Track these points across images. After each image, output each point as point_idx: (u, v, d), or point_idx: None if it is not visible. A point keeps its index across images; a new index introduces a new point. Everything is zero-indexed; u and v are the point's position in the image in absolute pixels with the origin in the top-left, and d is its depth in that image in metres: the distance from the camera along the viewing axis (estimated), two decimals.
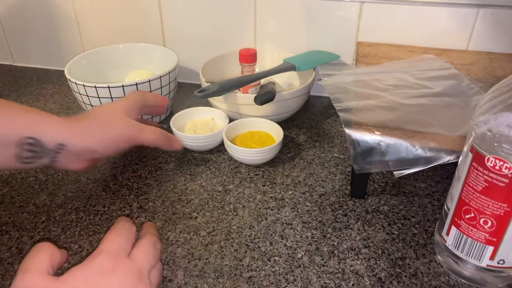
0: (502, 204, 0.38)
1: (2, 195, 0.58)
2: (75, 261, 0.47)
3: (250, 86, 0.72)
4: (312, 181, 0.60)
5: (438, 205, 0.55)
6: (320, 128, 0.72)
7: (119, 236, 0.37)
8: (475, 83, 0.58)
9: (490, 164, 0.37)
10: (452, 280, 0.45)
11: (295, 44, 0.80)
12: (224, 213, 0.54)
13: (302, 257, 0.48)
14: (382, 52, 0.72)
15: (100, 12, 0.86)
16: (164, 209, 0.55)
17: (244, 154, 0.61)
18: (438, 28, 0.72)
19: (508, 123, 0.36)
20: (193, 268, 0.47)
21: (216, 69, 0.77)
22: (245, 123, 0.66)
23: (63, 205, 0.56)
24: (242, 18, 0.80)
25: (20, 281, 0.31)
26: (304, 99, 0.72)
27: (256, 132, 0.66)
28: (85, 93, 0.66)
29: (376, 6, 0.73)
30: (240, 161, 0.63)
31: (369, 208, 0.55)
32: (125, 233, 0.37)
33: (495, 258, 0.41)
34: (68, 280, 0.32)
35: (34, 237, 0.51)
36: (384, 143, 0.48)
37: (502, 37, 0.70)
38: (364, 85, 0.58)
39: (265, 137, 0.65)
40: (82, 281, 0.32)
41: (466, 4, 0.69)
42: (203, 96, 0.61)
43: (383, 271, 0.46)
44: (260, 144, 0.63)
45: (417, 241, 0.50)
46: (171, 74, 0.70)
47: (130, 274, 0.34)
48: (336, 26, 0.76)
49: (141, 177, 0.61)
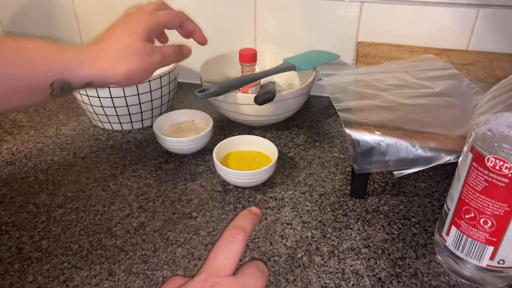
0: (502, 204, 0.38)
1: (2, 195, 0.58)
2: (75, 261, 0.47)
3: (250, 86, 0.72)
4: (312, 181, 0.60)
5: (438, 205, 0.55)
6: (320, 128, 0.72)
7: (220, 254, 0.35)
8: (475, 83, 0.58)
9: (490, 164, 0.37)
10: (452, 280, 0.45)
11: (295, 44, 0.80)
12: (224, 213, 0.54)
13: (302, 257, 0.48)
14: (382, 52, 0.72)
15: (100, 12, 0.86)
16: (164, 209, 0.55)
17: (236, 176, 0.56)
18: (438, 28, 0.72)
19: (508, 123, 0.36)
20: (193, 268, 0.47)
21: (216, 69, 0.77)
22: (235, 141, 0.62)
23: (63, 205, 0.56)
24: (242, 18, 0.80)
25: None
26: (304, 99, 0.72)
27: (248, 152, 0.62)
28: (85, 93, 0.66)
29: (376, 6, 0.73)
30: (232, 184, 0.59)
31: (369, 208, 0.55)
32: (228, 250, 0.36)
33: (495, 258, 0.41)
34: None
35: (34, 237, 0.51)
36: (384, 143, 0.48)
37: (502, 37, 0.70)
38: (364, 85, 0.58)
39: (258, 157, 0.61)
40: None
41: (466, 4, 0.69)
42: (203, 96, 0.61)
43: (383, 271, 0.46)
44: (255, 165, 0.59)
45: (417, 241, 0.50)
46: (171, 74, 0.70)
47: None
48: (336, 26, 0.76)
49: (141, 177, 0.61)
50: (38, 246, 0.50)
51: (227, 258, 0.35)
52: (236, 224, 0.37)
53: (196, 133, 0.66)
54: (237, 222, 0.37)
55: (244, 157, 0.61)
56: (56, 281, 0.45)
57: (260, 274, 0.36)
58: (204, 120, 0.68)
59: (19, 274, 0.46)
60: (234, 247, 0.35)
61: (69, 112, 0.78)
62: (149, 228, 0.52)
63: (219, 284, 0.33)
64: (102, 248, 0.49)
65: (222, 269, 0.34)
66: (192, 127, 0.68)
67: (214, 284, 0.33)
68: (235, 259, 0.35)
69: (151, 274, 0.46)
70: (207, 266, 0.35)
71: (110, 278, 0.45)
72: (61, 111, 0.79)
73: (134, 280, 0.45)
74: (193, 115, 0.69)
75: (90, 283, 0.45)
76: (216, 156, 0.58)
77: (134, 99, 0.67)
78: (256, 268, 0.36)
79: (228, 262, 0.35)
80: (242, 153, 0.62)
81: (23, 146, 0.68)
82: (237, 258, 0.35)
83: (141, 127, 0.72)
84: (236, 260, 0.35)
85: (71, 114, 0.78)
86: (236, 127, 0.73)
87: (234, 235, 0.36)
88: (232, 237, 0.35)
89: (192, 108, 0.70)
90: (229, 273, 0.34)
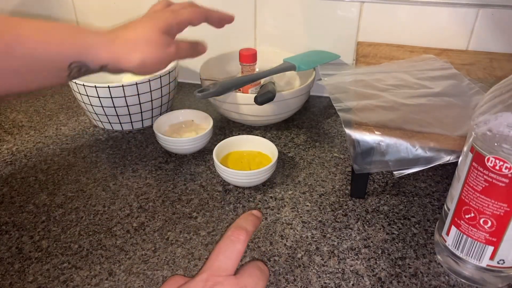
0: (502, 204, 0.38)
1: (2, 195, 0.58)
2: (75, 261, 0.47)
3: (250, 86, 0.72)
4: (312, 181, 0.60)
5: (438, 205, 0.55)
6: (320, 128, 0.72)
7: (221, 254, 0.35)
8: (475, 83, 0.58)
9: (490, 164, 0.37)
10: (452, 280, 0.45)
11: (295, 44, 0.80)
12: (224, 213, 0.54)
13: (302, 257, 0.48)
14: (382, 52, 0.72)
15: (100, 12, 0.86)
16: (164, 209, 0.55)
17: (236, 176, 0.56)
18: (438, 28, 0.72)
19: (508, 123, 0.36)
20: (193, 268, 0.47)
21: (216, 69, 0.77)
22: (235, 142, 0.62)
23: (63, 205, 0.56)
24: (242, 18, 0.80)
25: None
26: (304, 99, 0.72)
27: (248, 152, 0.62)
28: (85, 93, 0.66)
29: (376, 6, 0.73)
30: (232, 183, 0.59)
31: (369, 208, 0.55)
32: (229, 250, 0.36)
33: (495, 258, 0.41)
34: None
35: (34, 237, 0.51)
36: (384, 143, 0.48)
37: (502, 37, 0.70)
38: (364, 85, 0.58)
39: (258, 157, 0.61)
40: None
41: (466, 4, 0.69)
42: (203, 96, 0.61)
43: (383, 271, 0.46)
44: (255, 165, 0.59)
45: (417, 241, 0.50)
46: (171, 74, 0.70)
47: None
48: (336, 26, 0.76)
49: (141, 177, 0.61)
50: (38, 246, 0.50)
51: (229, 258, 0.35)
52: (238, 225, 0.37)
53: (196, 133, 0.66)
54: (239, 223, 0.37)
55: (244, 157, 0.61)
56: (56, 281, 0.45)
57: (260, 274, 0.36)
58: (204, 120, 0.68)
59: (19, 274, 0.46)
60: (236, 247, 0.35)
61: (69, 112, 0.78)
62: (149, 228, 0.52)
63: (220, 283, 0.33)
64: (102, 248, 0.49)
65: (224, 269, 0.34)
66: (192, 127, 0.68)
67: (215, 283, 0.33)
68: (236, 259, 0.35)
69: (151, 274, 0.46)
70: (208, 266, 0.35)
71: (110, 278, 0.45)
72: (61, 111, 0.79)
73: (134, 280, 0.45)
74: (193, 115, 0.69)
75: (90, 283, 0.45)
76: (216, 156, 0.58)
77: (134, 99, 0.67)
78: (257, 268, 0.36)
79: (229, 262, 0.35)
80: (242, 153, 0.62)
81: (23, 146, 0.68)
82: (238, 258, 0.35)
83: (141, 127, 0.72)
84: (237, 260, 0.35)
85: (71, 114, 0.78)
86: (236, 127, 0.73)
87: (236, 236, 0.36)
88: (234, 237, 0.36)
89: (192, 108, 0.70)
90: (230, 273, 0.34)
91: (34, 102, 0.82)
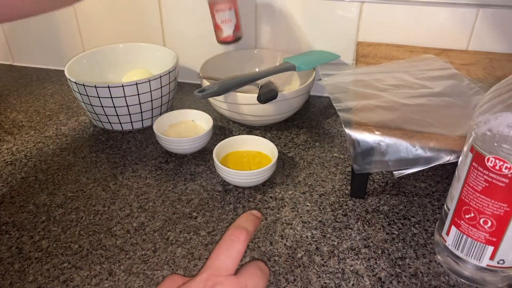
0: (502, 204, 0.38)
1: (2, 195, 0.58)
2: (75, 261, 0.47)
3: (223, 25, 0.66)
4: (312, 181, 0.60)
5: (438, 205, 0.55)
6: (320, 128, 0.73)
7: (222, 254, 0.35)
8: (475, 83, 0.58)
9: (490, 164, 0.37)
10: (452, 280, 0.45)
11: (295, 44, 0.80)
12: (224, 213, 0.54)
13: (302, 257, 0.48)
14: (382, 52, 0.72)
15: (100, 12, 0.86)
16: (164, 209, 0.55)
17: (236, 176, 0.56)
18: (438, 28, 0.72)
19: (508, 123, 0.36)
20: (193, 268, 0.47)
21: (216, 69, 0.77)
22: (234, 142, 0.62)
23: (63, 205, 0.56)
24: (242, 18, 0.80)
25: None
26: (304, 99, 0.72)
27: (248, 152, 0.62)
28: (85, 93, 0.66)
29: (376, 6, 0.73)
30: (232, 184, 0.58)
31: (369, 208, 0.55)
32: (230, 250, 0.36)
33: (495, 258, 0.41)
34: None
35: (34, 237, 0.51)
36: (384, 143, 0.48)
37: (502, 37, 0.70)
38: (364, 85, 0.58)
39: (258, 157, 0.61)
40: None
41: (466, 4, 0.69)
42: (203, 96, 0.61)
43: (383, 271, 0.46)
44: (255, 165, 0.59)
45: (417, 241, 0.50)
46: (171, 74, 0.70)
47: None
48: (336, 26, 0.76)
49: (141, 177, 0.61)
50: (38, 246, 0.50)
51: (229, 258, 0.35)
52: (238, 225, 0.37)
53: (196, 133, 0.66)
54: (239, 223, 0.37)
55: (244, 157, 0.61)
56: (56, 281, 0.45)
57: (261, 274, 0.36)
58: (204, 120, 0.68)
59: (19, 274, 0.46)
60: (236, 247, 0.35)
61: (69, 112, 0.78)
62: (149, 228, 0.52)
63: (220, 283, 0.33)
64: (102, 248, 0.49)
65: (224, 269, 0.34)
66: (192, 127, 0.68)
67: (215, 283, 0.33)
68: (237, 259, 0.35)
69: (151, 274, 0.46)
70: (209, 265, 0.35)
71: (110, 278, 0.45)
72: (61, 111, 0.79)
73: (134, 280, 0.45)
74: (193, 115, 0.69)
75: (90, 283, 0.45)
76: (216, 156, 0.58)
77: (134, 99, 0.67)
78: (257, 268, 0.36)
79: (230, 262, 0.35)
80: (242, 153, 0.62)
81: (23, 146, 0.68)
82: (239, 258, 0.35)
83: (141, 127, 0.72)
84: (238, 260, 0.35)
85: (71, 114, 0.78)
86: (236, 127, 0.73)
87: (237, 235, 0.36)
88: (235, 237, 0.36)
89: (192, 108, 0.70)
90: (230, 273, 0.34)
91: (34, 102, 0.82)
